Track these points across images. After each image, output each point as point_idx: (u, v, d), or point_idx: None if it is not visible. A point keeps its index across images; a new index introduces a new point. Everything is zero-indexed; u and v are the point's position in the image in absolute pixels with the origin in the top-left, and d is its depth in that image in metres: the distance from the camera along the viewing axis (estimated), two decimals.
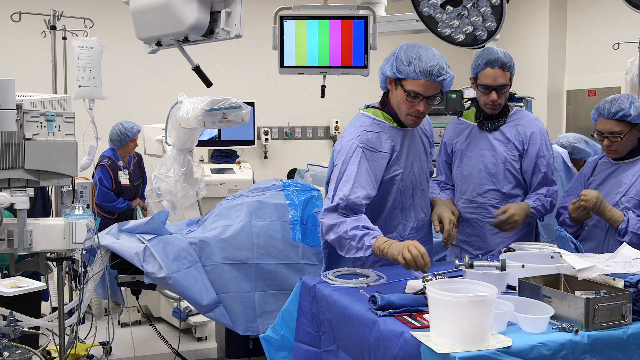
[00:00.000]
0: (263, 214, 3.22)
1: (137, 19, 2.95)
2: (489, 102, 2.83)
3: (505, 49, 2.85)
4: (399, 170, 2.48)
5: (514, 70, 2.86)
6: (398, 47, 2.42)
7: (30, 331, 2.82)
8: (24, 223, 2.58)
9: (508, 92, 2.89)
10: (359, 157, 2.39)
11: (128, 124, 4.98)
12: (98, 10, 5.56)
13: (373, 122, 2.49)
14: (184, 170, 4.37)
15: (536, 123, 2.89)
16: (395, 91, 2.43)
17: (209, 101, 3.97)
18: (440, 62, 2.35)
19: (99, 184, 4.80)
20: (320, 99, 3.31)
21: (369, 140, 2.42)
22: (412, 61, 2.34)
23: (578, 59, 6.17)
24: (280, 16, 3.20)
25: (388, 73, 2.42)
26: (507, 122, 2.89)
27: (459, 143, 2.96)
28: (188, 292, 2.95)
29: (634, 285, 1.87)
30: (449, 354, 1.61)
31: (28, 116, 2.60)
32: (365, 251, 2.27)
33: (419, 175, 2.59)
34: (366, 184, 2.37)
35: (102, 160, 4.94)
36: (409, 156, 2.52)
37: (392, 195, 2.50)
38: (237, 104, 4.07)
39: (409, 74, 2.34)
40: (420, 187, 2.59)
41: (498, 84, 2.78)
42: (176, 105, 4.29)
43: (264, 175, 6.48)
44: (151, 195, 4.55)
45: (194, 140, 4.36)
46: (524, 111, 3.01)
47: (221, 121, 4.08)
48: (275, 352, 2.43)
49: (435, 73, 2.33)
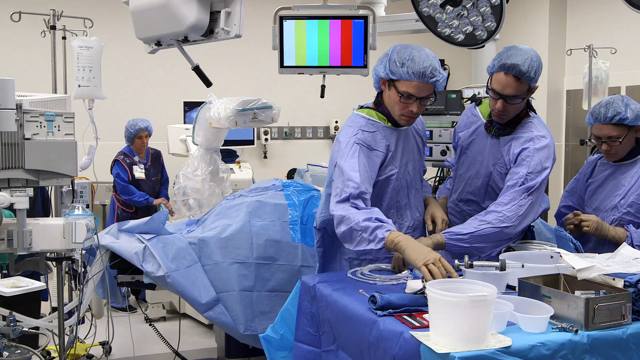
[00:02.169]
0: (263, 214, 3.22)
1: (137, 18, 2.95)
2: (494, 110, 2.56)
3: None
4: (394, 170, 2.49)
5: (536, 81, 2.50)
6: (391, 48, 2.41)
7: (30, 331, 2.82)
8: (23, 223, 2.58)
9: (521, 105, 2.55)
10: (358, 152, 2.38)
11: (131, 122, 5.32)
12: (98, 10, 5.56)
13: (368, 122, 2.49)
14: (211, 169, 4.43)
15: (534, 142, 2.51)
16: (388, 92, 2.43)
17: (240, 101, 4.03)
18: (433, 63, 2.34)
19: (116, 179, 5.23)
20: (320, 98, 3.30)
21: (365, 139, 2.42)
22: (405, 62, 2.33)
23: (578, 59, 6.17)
24: (279, 16, 3.20)
25: (381, 74, 2.42)
26: (512, 132, 2.60)
27: (462, 137, 2.79)
28: (187, 291, 2.95)
29: (634, 285, 1.87)
30: (449, 354, 1.61)
31: (28, 116, 2.60)
32: (377, 244, 2.20)
33: (414, 175, 2.58)
34: (365, 178, 2.36)
35: (117, 156, 5.31)
36: (403, 156, 2.53)
37: (387, 195, 2.50)
38: (268, 104, 4.16)
39: (402, 75, 2.34)
40: (415, 187, 2.59)
41: (507, 93, 2.47)
42: (205, 105, 4.33)
43: (264, 175, 6.48)
44: (178, 194, 4.58)
45: (221, 140, 4.43)
46: (533, 123, 2.60)
47: (252, 121, 4.16)
48: (275, 351, 2.43)
49: (428, 74, 2.32)
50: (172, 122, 5.88)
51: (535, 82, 2.51)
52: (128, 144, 5.40)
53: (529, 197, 2.45)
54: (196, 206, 4.45)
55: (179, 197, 4.64)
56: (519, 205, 2.44)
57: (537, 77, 2.50)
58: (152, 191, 5.41)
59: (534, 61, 2.46)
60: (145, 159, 5.44)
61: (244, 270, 3.08)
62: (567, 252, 2.15)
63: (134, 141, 5.33)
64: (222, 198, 4.69)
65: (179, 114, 6.29)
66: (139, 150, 5.39)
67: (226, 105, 4.06)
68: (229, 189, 4.76)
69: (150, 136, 5.44)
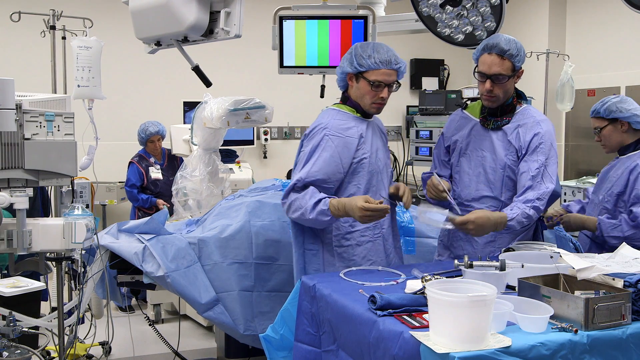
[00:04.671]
0: (262, 214, 3.22)
1: (137, 18, 2.95)
2: (484, 92, 2.69)
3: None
4: (367, 154, 2.63)
5: (520, 61, 2.66)
6: (352, 47, 2.66)
7: (29, 331, 2.82)
8: (23, 223, 2.57)
9: (509, 86, 2.69)
10: (324, 145, 2.56)
11: (143, 126, 5.42)
12: (97, 10, 5.55)
13: (339, 112, 2.68)
14: (209, 170, 4.42)
15: (540, 125, 2.69)
16: (357, 85, 2.63)
17: (232, 101, 4.02)
18: (394, 53, 2.61)
19: (125, 184, 5.39)
20: (320, 99, 3.31)
21: (336, 127, 2.60)
22: (370, 54, 2.57)
23: (578, 59, 6.17)
24: (279, 16, 3.20)
25: (349, 69, 2.62)
26: (511, 121, 2.73)
27: (459, 140, 2.84)
28: (187, 291, 2.95)
29: (634, 285, 1.87)
30: (449, 354, 1.61)
31: (27, 116, 2.59)
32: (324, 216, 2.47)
33: (384, 161, 2.75)
34: (327, 169, 2.54)
35: (132, 158, 5.43)
36: (373, 143, 2.68)
37: (364, 178, 2.63)
38: (260, 104, 4.14)
39: (370, 65, 2.57)
40: (386, 172, 2.74)
41: (493, 72, 2.63)
42: (201, 105, 4.33)
43: (264, 175, 6.48)
44: (177, 194, 4.59)
45: (219, 140, 4.42)
46: (531, 110, 2.77)
47: (245, 121, 4.13)
48: (275, 351, 2.43)
49: (393, 61, 2.58)
50: (172, 122, 5.87)
51: (519, 62, 2.66)
52: (142, 147, 5.50)
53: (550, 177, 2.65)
54: (195, 207, 4.45)
55: (178, 197, 4.64)
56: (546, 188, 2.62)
57: (521, 58, 2.66)
58: (168, 190, 5.40)
59: (514, 41, 2.65)
60: (162, 159, 5.53)
61: (243, 270, 3.08)
62: (567, 252, 2.16)
63: (147, 145, 5.43)
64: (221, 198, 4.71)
65: (178, 114, 6.28)
66: (154, 152, 5.47)
67: (219, 105, 4.05)
68: (229, 189, 4.76)
69: (163, 139, 5.48)
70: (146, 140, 5.41)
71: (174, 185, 4.47)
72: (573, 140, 6.51)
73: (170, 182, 5.43)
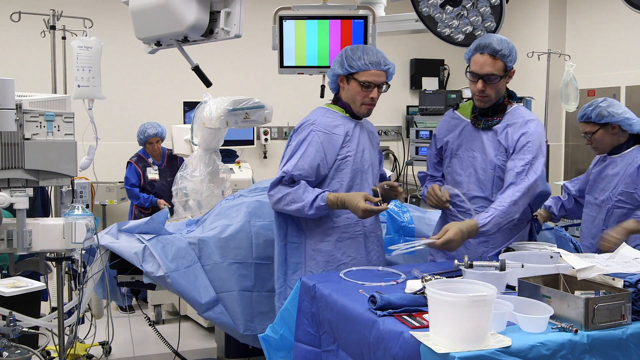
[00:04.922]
0: (262, 214, 3.22)
1: (137, 18, 2.95)
2: (476, 92, 2.67)
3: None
4: (351, 152, 2.69)
5: (511, 61, 2.64)
6: (342, 51, 2.72)
7: (29, 331, 2.81)
8: (23, 223, 2.57)
9: (501, 86, 2.67)
10: (310, 139, 2.64)
11: (142, 128, 5.42)
12: (97, 10, 5.56)
13: (328, 110, 2.76)
14: (209, 170, 4.42)
15: (529, 124, 2.66)
16: (347, 86, 2.69)
17: (231, 101, 4.02)
18: (383, 55, 2.68)
19: (125, 183, 5.39)
20: (320, 99, 3.31)
21: (324, 123, 2.68)
22: (361, 56, 2.64)
23: (578, 59, 6.17)
24: (279, 16, 3.20)
25: (339, 71, 2.68)
26: (501, 121, 2.71)
27: (450, 141, 2.84)
28: (187, 291, 2.94)
29: (634, 285, 1.87)
30: (449, 354, 1.61)
31: (27, 116, 2.59)
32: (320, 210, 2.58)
33: (371, 160, 2.79)
34: (312, 163, 2.62)
35: (131, 159, 5.45)
36: (359, 143, 2.73)
37: (347, 175, 2.68)
38: (259, 104, 4.13)
39: (360, 67, 2.63)
40: (371, 172, 2.79)
41: (485, 72, 2.61)
42: (201, 105, 4.33)
43: (264, 175, 6.47)
44: (177, 195, 4.59)
45: (219, 140, 4.42)
46: (520, 110, 2.76)
47: (244, 121, 4.13)
48: (275, 352, 2.43)
49: (382, 63, 2.65)
50: (172, 122, 5.87)
51: (511, 62, 2.65)
52: (142, 147, 5.51)
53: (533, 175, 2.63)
54: (195, 207, 4.45)
55: (179, 197, 4.64)
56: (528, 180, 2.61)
57: (513, 58, 2.65)
58: (165, 191, 5.43)
59: (506, 42, 2.64)
60: (161, 159, 5.53)
61: (243, 270, 3.08)
62: (567, 252, 2.16)
63: (146, 146, 5.43)
64: (222, 199, 4.71)
65: (178, 114, 6.28)
66: (153, 154, 5.48)
67: (218, 105, 4.04)
68: (229, 190, 4.76)
69: (162, 140, 5.48)
70: (145, 142, 5.42)
71: (174, 185, 4.47)
72: (573, 140, 6.51)
73: (168, 182, 5.43)
